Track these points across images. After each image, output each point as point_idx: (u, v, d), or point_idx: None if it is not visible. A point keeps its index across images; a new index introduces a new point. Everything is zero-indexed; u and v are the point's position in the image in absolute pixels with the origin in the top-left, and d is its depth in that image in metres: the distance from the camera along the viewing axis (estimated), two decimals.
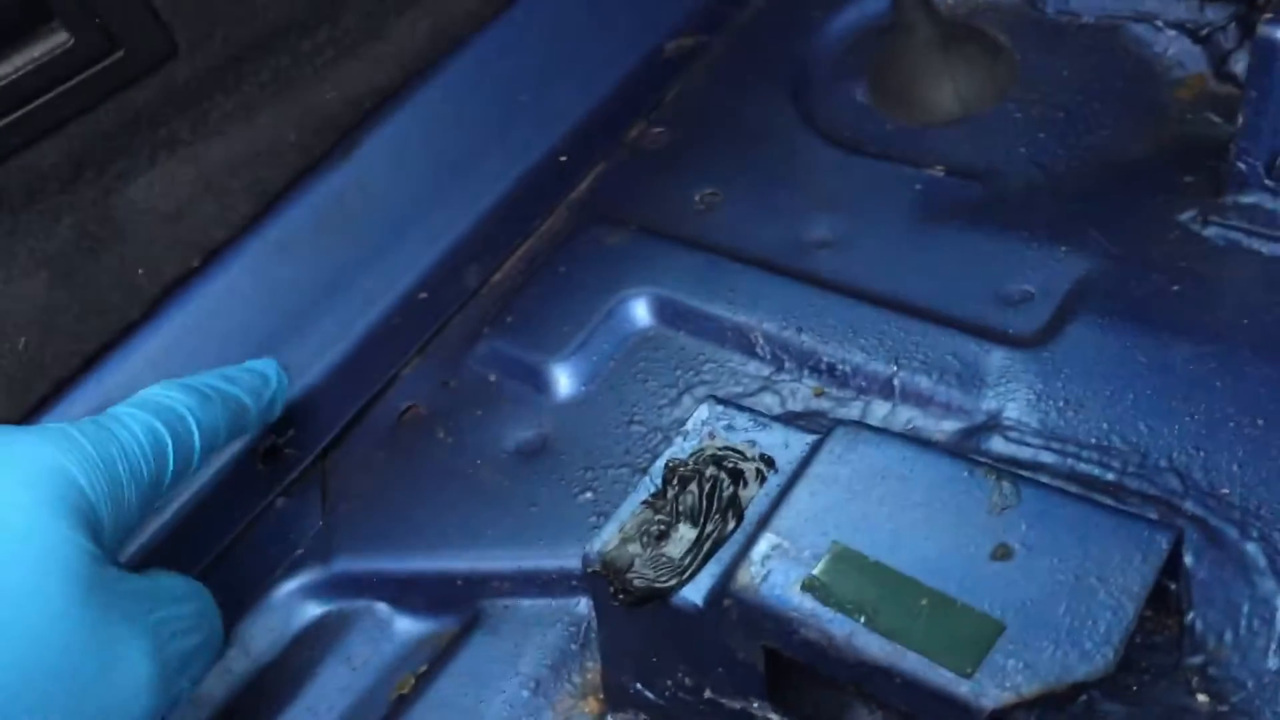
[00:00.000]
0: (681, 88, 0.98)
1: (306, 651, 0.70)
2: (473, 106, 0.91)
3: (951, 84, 0.91)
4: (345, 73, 0.87)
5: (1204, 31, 0.89)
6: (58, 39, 0.75)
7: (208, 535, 0.73)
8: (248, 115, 0.83)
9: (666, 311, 0.79)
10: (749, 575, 0.54)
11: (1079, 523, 0.52)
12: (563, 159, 0.92)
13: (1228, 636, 0.56)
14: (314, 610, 0.72)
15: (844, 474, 0.56)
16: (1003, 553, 0.52)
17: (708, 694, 0.59)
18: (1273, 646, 0.55)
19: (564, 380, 0.77)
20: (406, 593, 0.71)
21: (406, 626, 0.71)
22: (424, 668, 0.68)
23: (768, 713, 0.56)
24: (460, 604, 0.70)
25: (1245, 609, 0.56)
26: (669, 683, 0.60)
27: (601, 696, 0.64)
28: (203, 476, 0.75)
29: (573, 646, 0.67)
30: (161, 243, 0.79)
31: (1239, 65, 0.87)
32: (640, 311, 0.80)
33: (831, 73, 0.96)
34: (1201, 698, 0.54)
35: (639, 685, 0.62)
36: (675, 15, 1.02)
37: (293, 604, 0.72)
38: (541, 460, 0.74)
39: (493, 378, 0.79)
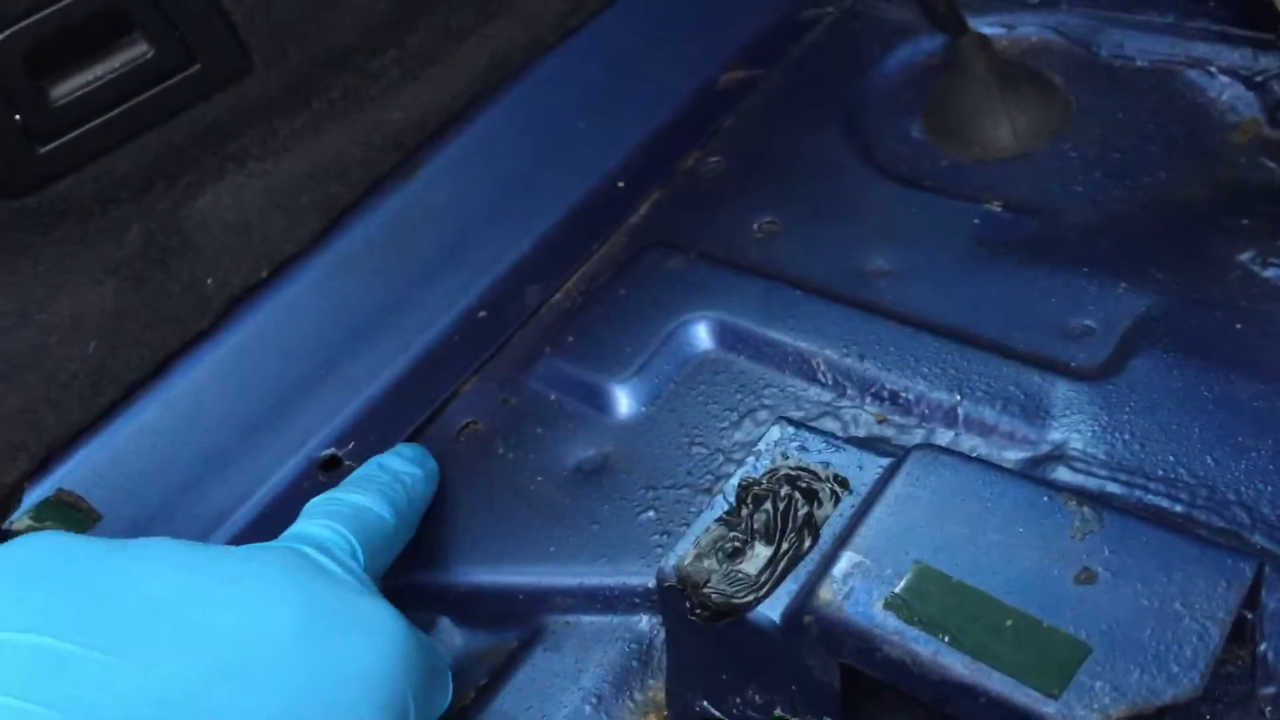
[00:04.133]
0: (737, 119, 0.99)
1: None
2: (533, 131, 0.93)
3: (1008, 122, 0.92)
4: (411, 94, 0.89)
5: (1258, 78, 0.90)
6: (138, 50, 0.77)
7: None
8: (316, 133, 0.85)
9: (727, 336, 0.80)
10: (831, 592, 0.54)
11: (1161, 549, 0.52)
12: (620, 185, 0.94)
13: None
14: None
15: (923, 495, 0.57)
16: (1086, 577, 0.52)
17: (778, 712, 0.59)
18: None
19: (625, 400, 0.78)
20: (467, 607, 0.71)
21: (467, 640, 0.71)
22: (484, 681, 0.68)
23: None
24: (521, 619, 0.70)
25: None
26: (738, 700, 0.60)
27: (665, 714, 0.64)
28: (264, 488, 0.76)
29: (634, 664, 0.67)
30: (230, 255, 0.80)
31: None
32: (701, 335, 0.81)
33: (886, 108, 0.97)
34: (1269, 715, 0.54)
35: (705, 703, 0.62)
36: (729, 48, 1.04)
37: None
38: (602, 479, 0.74)
39: (553, 396, 0.80)
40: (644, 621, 0.68)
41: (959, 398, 0.72)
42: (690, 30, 1.03)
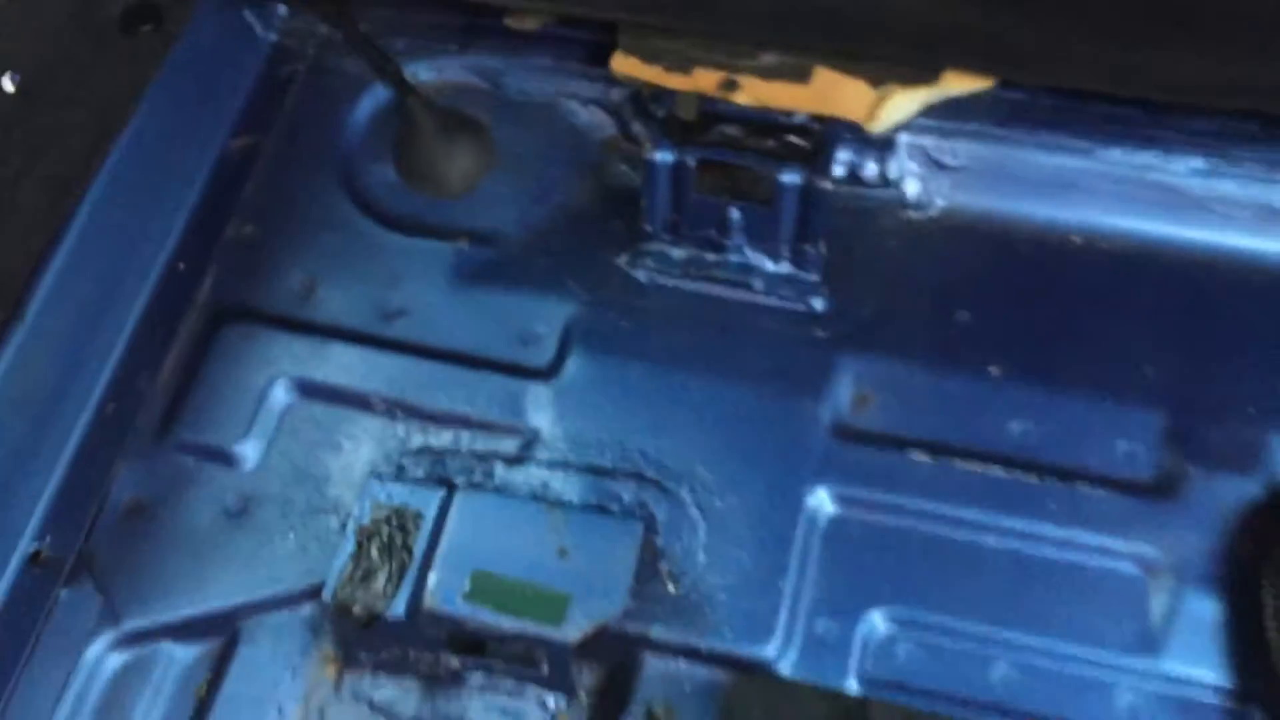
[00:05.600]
0: (255, 185, 1.27)
1: (124, 689, 1.04)
2: (101, 241, 1.16)
3: (453, 165, 1.27)
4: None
5: (612, 105, 1.31)
6: None
7: (17, 634, 1.02)
8: None
9: (305, 388, 1.15)
10: (431, 597, 0.96)
11: (597, 526, 0.99)
12: (181, 266, 1.21)
13: (675, 548, 1.05)
14: (117, 661, 1.05)
15: (470, 521, 0.99)
16: (562, 552, 0.97)
17: (412, 654, 1.01)
18: (695, 551, 1.05)
19: (249, 454, 1.12)
20: (182, 630, 1.06)
21: (190, 652, 1.05)
22: (209, 675, 1.04)
23: (450, 659, 1.00)
24: (224, 628, 1.06)
25: (682, 532, 1.06)
26: (383, 651, 1.02)
27: (339, 664, 1.04)
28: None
29: (309, 635, 1.05)
30: None
31: (637, 128, 1.30)
32: (284, 392, 1.14)
33: (366, 157, 1.29)
34: (670, 586, 1.04)
35: (365, 653, 1.03)
36: (230, 115, 1.29)
37: (100, 662, 1.04)
38: (250, 517, 1.09)
39: (192, 462, 1.12)
40: (307, 608, 1.06)
41: (472, 409, 1.13)
42: (195, 103, 1.26)
